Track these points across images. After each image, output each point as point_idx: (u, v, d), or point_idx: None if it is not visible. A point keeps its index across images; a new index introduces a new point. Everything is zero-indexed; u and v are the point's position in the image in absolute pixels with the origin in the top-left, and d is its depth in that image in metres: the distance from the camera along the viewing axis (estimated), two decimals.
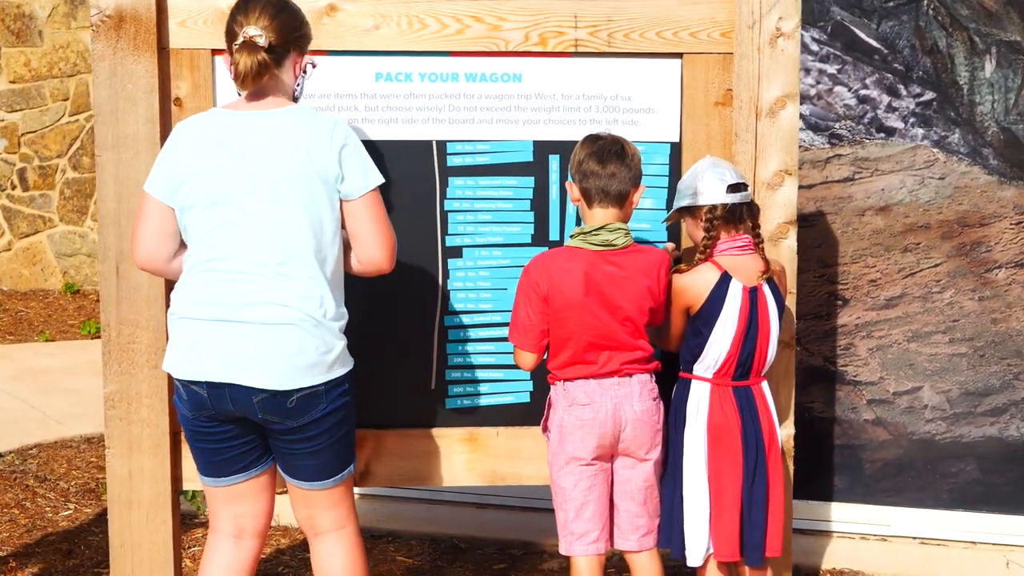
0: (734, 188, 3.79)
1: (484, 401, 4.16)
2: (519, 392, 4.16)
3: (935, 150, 4.95)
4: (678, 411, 3.86)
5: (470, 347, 4.14)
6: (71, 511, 5.57)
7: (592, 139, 3.81)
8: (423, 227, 4.08)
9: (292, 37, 3.50)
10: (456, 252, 4.10)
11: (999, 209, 4.92)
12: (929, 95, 4.95)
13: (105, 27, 3.87)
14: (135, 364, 3.98)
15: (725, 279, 3.77)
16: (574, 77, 4.06)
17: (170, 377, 3.86)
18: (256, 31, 3.38)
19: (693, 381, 3.85)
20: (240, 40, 3.38)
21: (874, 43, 4.94)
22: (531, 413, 4.13)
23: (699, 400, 3.82)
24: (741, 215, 3.83)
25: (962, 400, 5.02)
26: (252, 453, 3.53)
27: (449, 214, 4.09)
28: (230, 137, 3.40)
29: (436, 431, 4.14)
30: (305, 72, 3.60)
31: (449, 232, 4.10)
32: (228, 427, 3.46)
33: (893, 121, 4.97)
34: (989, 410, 5.01)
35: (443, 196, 4.08)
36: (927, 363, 5.02)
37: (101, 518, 5.44)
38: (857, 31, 4.96)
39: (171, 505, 4.02)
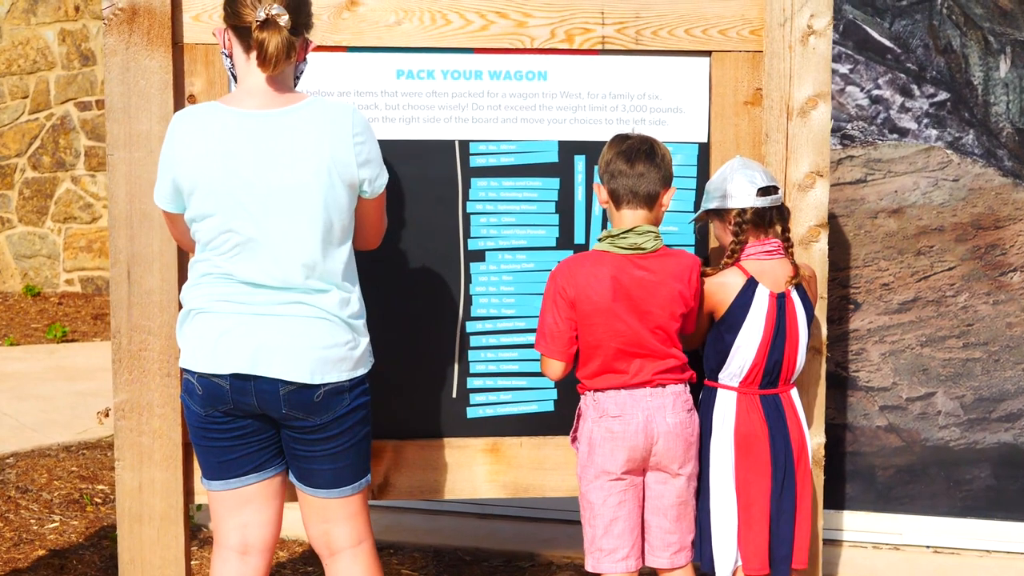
0: (764, 191, 3.69)
1: (507, 410, 4.03)
2: (543, 401, 4.04)
3: (949, 151, 4.88)
4: (704, 420, 3.75)
5: (493, 354, 4.01)
6: (57, 523, 5.38)
7: (620, 138, 3.69)
8: (445, 230, 3.95)
9: (306, 19, 3.35)
10: (479, 256, 3.98)
11: (1014, 211, 4.86)
12: (943, 95, 4.88)
13: (117, 20, 3.71)
14: (146, 372, 3.82)
15: (751, 285, 3.66)
16: (600, 75, 3.94)
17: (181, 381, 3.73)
18: (279, 9, 3.21)
19: (719, 389, 3.74)
20: (262, 18, 3.21)
21: (887, 42, 4.87)
22: (555, 422, 4.01)
23: (725, 409, 3.71)
24: (771, 219, 3.73)
25: (976, 406, 4.95)
26: (266, 452, 3.38)
27: (472, 216, 3.96)
28: (240, 142, 3.22)
29: (457, 441, 4.01)
30: (305, 60, 3.45)
31: (472, 235, 3.97)
32: (244, 422, 3.32)
33: (906, 122, 4.89)
34: (1004, 416, 4.95)
35: (465, 198, 3.95)
36: (941, 368, 4.95)
37: (90, 531, 5.26)
38: (869, 30, 4.88)
39: (183, 519, 3.86)
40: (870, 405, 4.99)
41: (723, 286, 3.68)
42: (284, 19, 3.20)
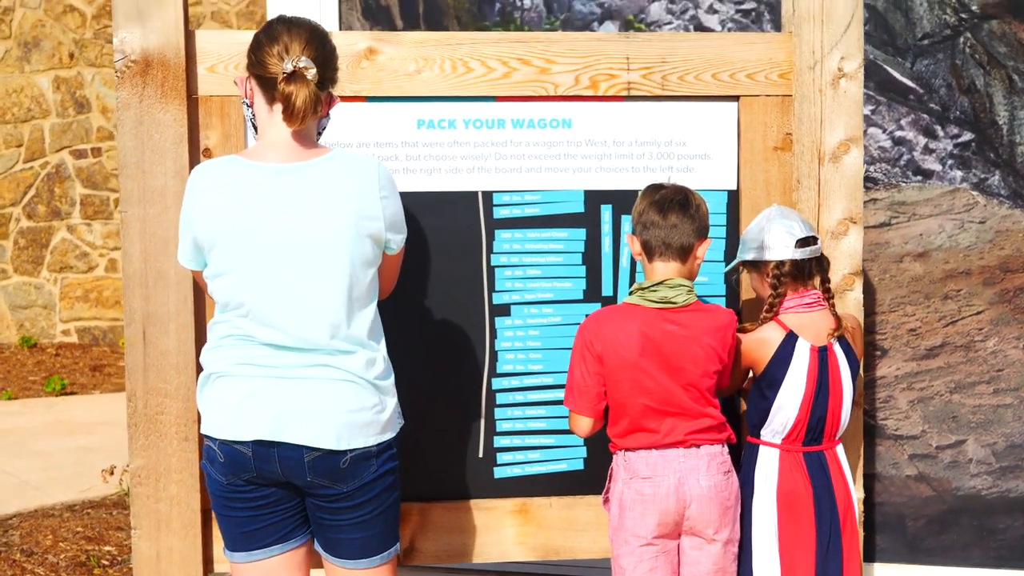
0: (803, 242, 3.57)
1: (535, 469, 3.90)
2: (573, 459, 3.91)
3: (975, 193, 4.78)
4: (746, 479, 3.61)
5: (520, 411, 3.88)
6: None
7: (654, 188, 3.58)
8: (468, 283, 3.83)
9: (332, 73, 3.24)
10: (504, 310, 3.86)
11: None
12: (967, 136, 4.77)
13: (130, 73, 3.60)
14: (163, 437, 3.68)
15: (791, 339, 3.54)
16: (626, 122, 3.84)
17: (201, 449, 3.60)
18: (307, 61, 3.09)
19: (760, 447, 3.61)
20: (289, 69, 3.09)
21: (909, 83, 4.77)
22: (586, 481, 3.88)
23: (768, 467, 3.58)
24: (810, 270, 3.61)
25: (1008, 453, 4.83)
26: (290, 522, 3.24)
27: (496, 269, 3.84)
28: (261, 197, 3.10)
29: (485, 503, 3.88)
30: (328, 115, 3.33)
31: (496, 288, 3.85)
32: (268, 491, 3.18)
33: (930, 163, 4.78)
34: None
35: (489, 250, 3.84)
36: (971, 415, 4.83)
37: None
38: (891, 70, 4.78)
39: None
40: (899, 454, 4.86)
41: (762, 342, 3.56)
42: (312, 72, 3.08)
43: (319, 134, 3.28)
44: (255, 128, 3.25)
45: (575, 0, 4.89)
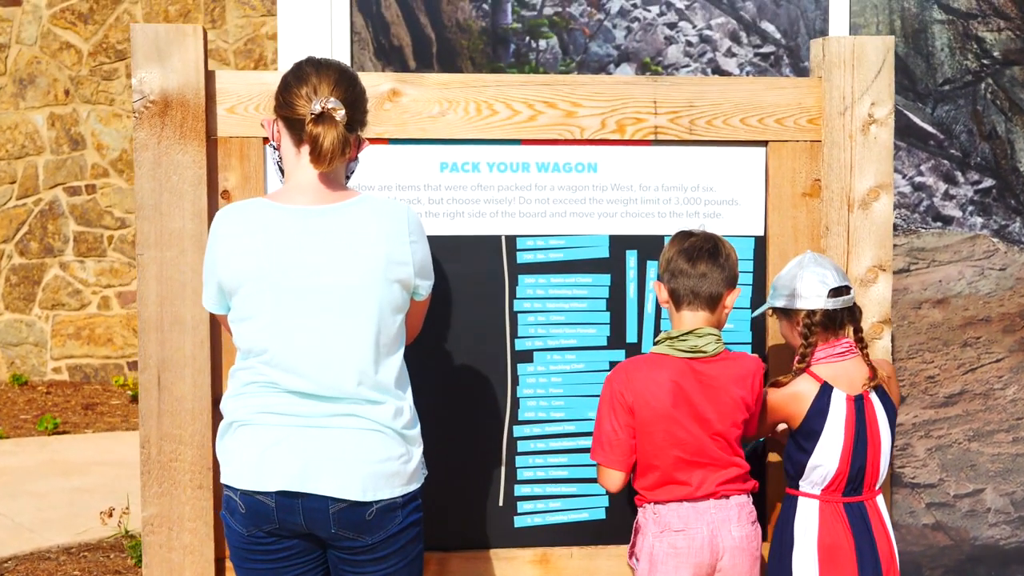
0: (836, 292, 3.50)
1: (556, 518, 3.81)
2: (594, 508, 3.83)
3: (995, 239, 4.73)
4: (784, 532, 3.54)
5: (541, 459, 3.80)
6: None
7: (683, 236, 3.51)
8: (491, 329, 3.76)
9: (362, 116, 3.17)
10: (527, 356, 3.78)
11: None
12: (988, 182, 4.73)
13: (149, 114, 3.52)
14: (177, 484, 3.59)
15: (826, 391, 3.47)
16: (653, 167, 3.78)
17: (216, 496, 3.52)
18: (335, 103, 3.02)
19: (800, 498, 3.53)
20: (317, 111, 3.02)
21: (929, 128, 4.72)
22: (608, 531, 3.80)
23: (807, 519, 3.50)
24: (841, 320, 3.54)
25: None
26: (312, 574, 3.15)
27: (519, 315, 3.77)
28: (288, 240, 3.02)
29: (505, 552, 3.79)
30: (357, 159, 3.26)
31: (519, 334, 3.77)
32: (290, 543, 3.09)
33: (950, 209, 4.74)
34: None
35: (512, 295, 3.76)
36: (990, 463, 4.76)
37: None
38: (911, 116, 4.74)
39: None
40: (916, 503, 4.79)
41: (796, 397, 3.48)
42: (340, 114, 3.01)
43: (348, 177, 3.21)
44: (281, 172, 3.18)
45: (591, 42, 4.84)
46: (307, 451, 3.02)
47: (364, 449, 3.04)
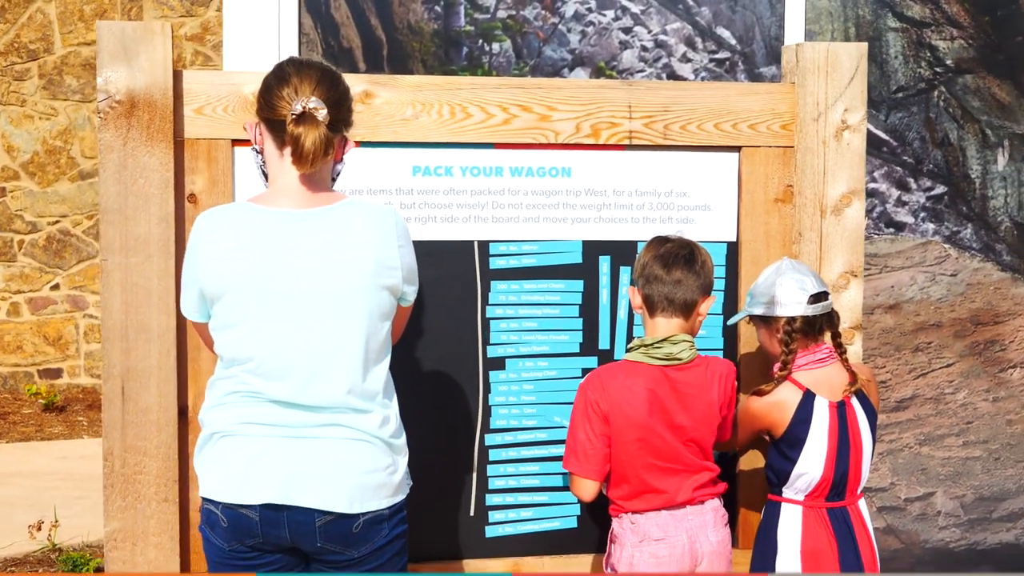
0: (816, 298, 3.49)
1: (528, 528, 3.76)
2: (566, 517, 3.78)
3: (946, 245, 4.77)
4: (767, 537, 3.52)
5: (513, 468, 3.74)
6: None
7: (659, 241, 3.47)
8: (462, 336, 3.69)
9: (346, 115, 3.08)
10: (498, 363, 3.72)
11: (1013, 306, 4.76)
12: (940, 189, 4.77)
13: (115, 114, 3.40)
14: (141, 498, 3.47)
15: (809, 398, 3.45)
16: (627, 171, 3.74)
17: (182, 509, 3.42)
18: (317, 102, 2.93)
19: (783, 504, 3.51)
20: (298, 111, 2.93)
21: (883, 135, 4.75)
22: (580, 539, 3.76)
23: (790, 525, 3.49)
24: (821, 326, 3.53)
25: (977, 505, 4.81)
26: None
27: (491, 321, 3.71)
28: (273, 244, 2.93)
29: (476, 562, 3.72)
30: (343, 160, 3.18)
31: (491, 341, 3.71)
32: (272, 557, 3.00)
33: (903, 216, 4.77)
34: (1006, 515, 4.81)
35: (485, 301, 3.70)
36: (940, 467, 4.80)
37: None
38: None
39: None
40: (868, 506, 4.81)
41: (779, 405, 3.46)
42: (322, 113, 2.92)
43: (333, 180, 3.12)
44: (265, 176, 3.09)
45: (545, 46, 4.80)
46: (293, 462, 2.93)
47: (351, 460, 2.95)
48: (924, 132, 4.74)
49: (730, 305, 3.79)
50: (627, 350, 3.48)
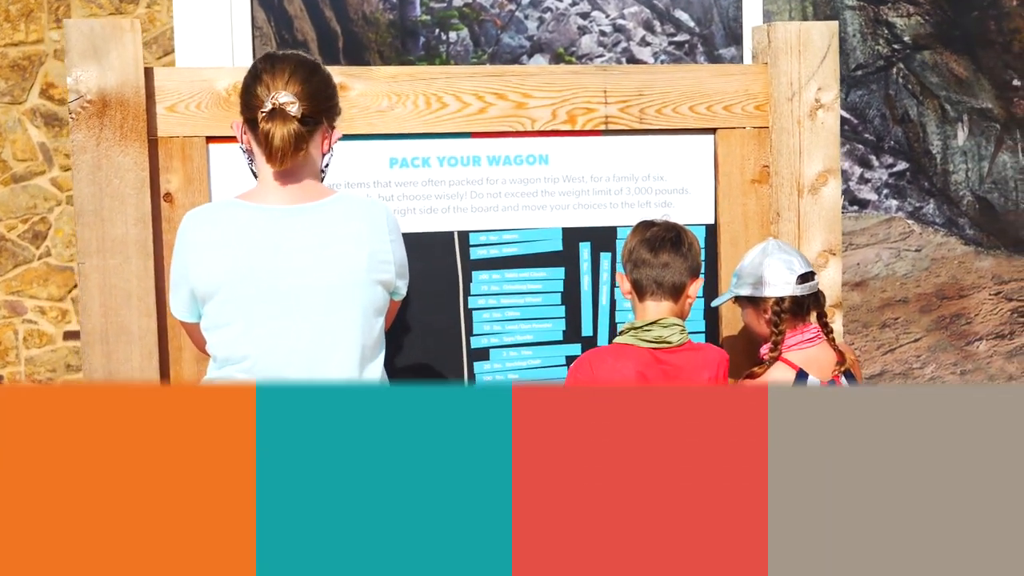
0: (803, 278, 3.48)
1: None
2: None
3: (910, 221, 4.81)
4: None
5: None
6: None
7: (645, 225, 3.46)
8: (445, 328, 3.66)
9: (325, 106, 3.01)
10: (482, 354, 3.69)
11: (977, 279, 4.80)
12: (902, 165, 4.80)
13: (86, 114, 3.33)
14: None
15: (802, 378, 3.45)
16: (604, 157, 3.72)
17: None
18: (288, 97, 2.87)
19: None
20: (268, 107, 2.87)
21: (844, 113, 4.77)
22: None
23: None
24: (808, 306, 3.53)
25: None
26: None
27: (473, 312, 3.68)
28: (264, 240, 2.87)
29: None
30: (331, 150, 3.12)
31: (474, 332, 3.68)
32: None
33: (866, 193, 4.80)
34: None
35: (467, 292, 3.67)
36: None
37: None
38: None
39: None
40: None
41: None
42: (294, 108, 2.86)
43: (323, 171, 3.06)
44: (255, 176, 3.03)
45: (503, 33, 4.77)
46: None
47: None
48: (884, 109, 4.77)
49: (710, 287, 3.79)
50: (618, 333, 3.46)
